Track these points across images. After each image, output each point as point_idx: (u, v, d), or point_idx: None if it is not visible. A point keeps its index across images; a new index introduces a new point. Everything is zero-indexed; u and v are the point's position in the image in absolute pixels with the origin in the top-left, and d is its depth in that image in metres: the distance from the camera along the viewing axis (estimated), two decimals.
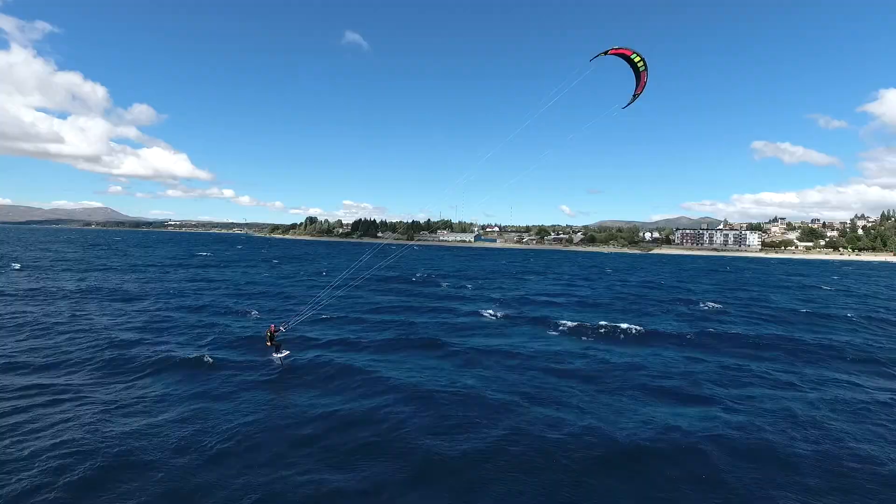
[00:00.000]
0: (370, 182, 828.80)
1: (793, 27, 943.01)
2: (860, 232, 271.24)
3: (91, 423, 13.57)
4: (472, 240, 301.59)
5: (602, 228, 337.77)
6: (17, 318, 26.94)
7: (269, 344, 19.30)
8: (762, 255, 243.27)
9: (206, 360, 19.82)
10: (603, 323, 30.66)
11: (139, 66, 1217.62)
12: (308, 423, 14.24)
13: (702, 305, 42.23)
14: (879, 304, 47.22)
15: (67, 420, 13.72)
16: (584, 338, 27.81)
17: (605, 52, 15.73)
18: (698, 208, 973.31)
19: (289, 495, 10.60)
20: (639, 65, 15.70)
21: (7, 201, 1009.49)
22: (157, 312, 30.66)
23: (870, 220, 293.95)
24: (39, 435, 12.74)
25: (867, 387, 19.59)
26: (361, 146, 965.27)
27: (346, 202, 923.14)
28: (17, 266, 54.97)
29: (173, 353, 20.69)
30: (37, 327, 24.95)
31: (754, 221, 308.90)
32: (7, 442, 12.29)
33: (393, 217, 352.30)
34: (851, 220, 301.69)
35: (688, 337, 28.10)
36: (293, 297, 39.88)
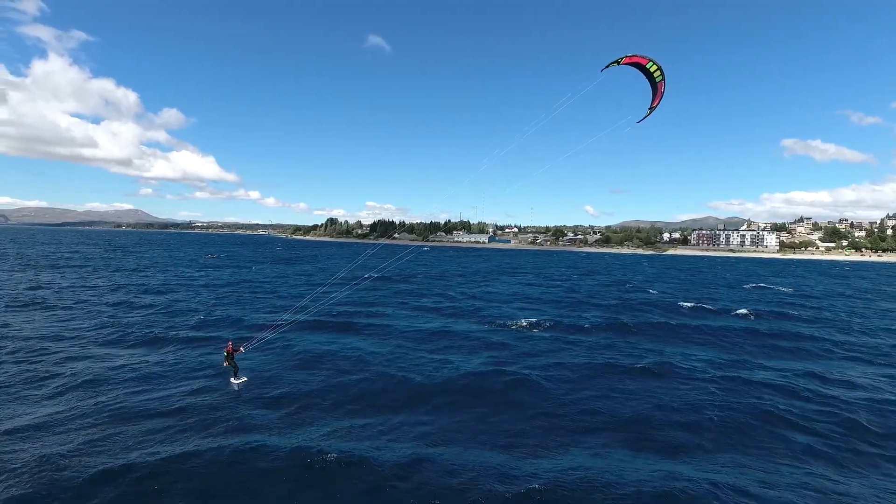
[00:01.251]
0: (393, 183, 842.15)
1: (822, 23, 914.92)
2: (889, 232, 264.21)
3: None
4: (486, 241, 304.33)
5: (624, 229, 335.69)
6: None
7: (226, 364, 18.14)
8: (779, 255, 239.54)
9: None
10: (523, 316, 34.58)
11: (169, 71, 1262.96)
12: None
13: (632, 301, 45.22)
14: (752, 302, 48.92)
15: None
16: (488, 325, 31.75)
17: (618, 62, 14.02)
18: (726, 208, 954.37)
19: None
20: (655, 74, 14.09)
21: (43, 203, 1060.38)
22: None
23: None
24: None
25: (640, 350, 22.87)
26: (385, 147, 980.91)
27: (369, 203, 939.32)
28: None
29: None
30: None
31: (781, 221, 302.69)
32: None
33: (415, 218, 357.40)
34: (880, 220, 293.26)
35: (584, 327, 31.59)
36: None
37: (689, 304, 44.09)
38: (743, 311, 40.77)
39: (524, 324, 32.18)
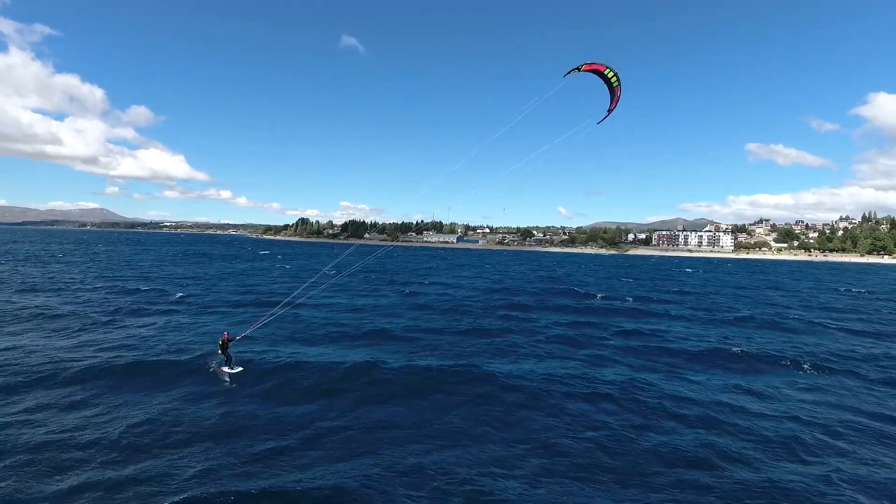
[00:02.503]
0: (368, 184, 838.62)
1: (784, 30, 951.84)
2: (840, 234, 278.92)
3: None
4: (455, 241, 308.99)
5: (594, 230, 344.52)
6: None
7: (220, 353, 18.48)
8: (732, 255, 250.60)
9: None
10: (440, 296, 38.67)
11: (137, 67, 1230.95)
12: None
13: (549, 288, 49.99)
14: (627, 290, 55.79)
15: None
16: (399, 304, 35.75)
17: (579, 68, 15.38)
18: (694, 210, 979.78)
19: None
20: (612, 80, 15.54)
21: (3, 202, 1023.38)
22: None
23: (854, 221, 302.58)
24: None
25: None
26: (360, 148, 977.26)
27: (344, 203, 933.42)
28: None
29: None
30: None
31: (744, 223, 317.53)
32: None
33: (390, 218, 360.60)
34: (833, 222, 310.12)
35: (481, 310, 35.89)
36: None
37: (582, 291, 50.19)
38: (602, 295, 48.77)
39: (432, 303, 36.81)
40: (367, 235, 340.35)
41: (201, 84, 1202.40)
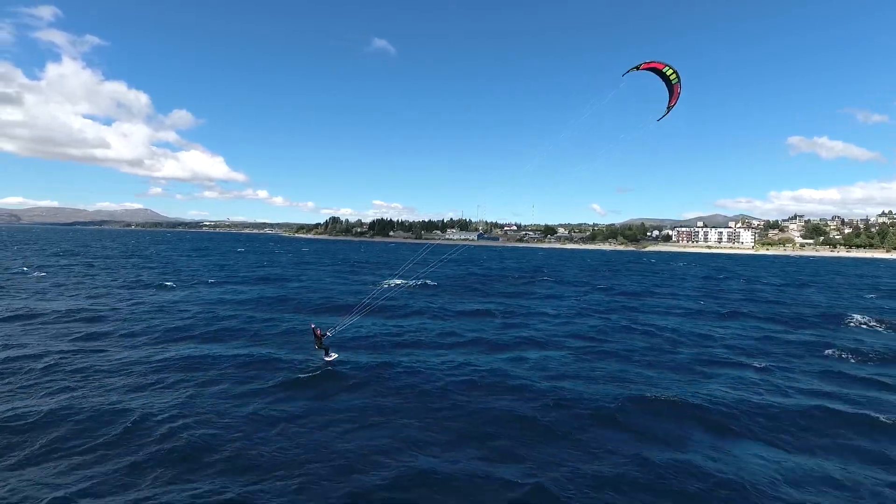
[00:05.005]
0: (401, 182, 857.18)
1: (825, 20, 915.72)
2: (875, 229, 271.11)
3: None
4: (476, 238, 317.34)
5: (622, 227, 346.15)
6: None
7: (317, 347, 19.52)
8: (752, 252, 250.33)
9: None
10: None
11: (179, 73, 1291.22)
12: None
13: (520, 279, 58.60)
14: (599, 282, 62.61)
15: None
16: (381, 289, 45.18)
17: (637, 67, 15.51)
18: (734, 206, 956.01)
19: None
20: (671, 78, 15.51)
21: (54, 203, 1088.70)
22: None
23: None
24: None
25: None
26: (393, 147, 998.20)
27: (377, 202, 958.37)
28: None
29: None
30: None
31: (780, 219, 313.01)
32: None
33: (423, 216, 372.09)
34: (872, 217, 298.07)
35: (430, 284, 44.97)
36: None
37: (546, 278, 58.24)
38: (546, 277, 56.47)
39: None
40: (391, 233, 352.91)
41: (240, 88, 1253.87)
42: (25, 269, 51.52)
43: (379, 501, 10.24)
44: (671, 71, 15.35)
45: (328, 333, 19.69)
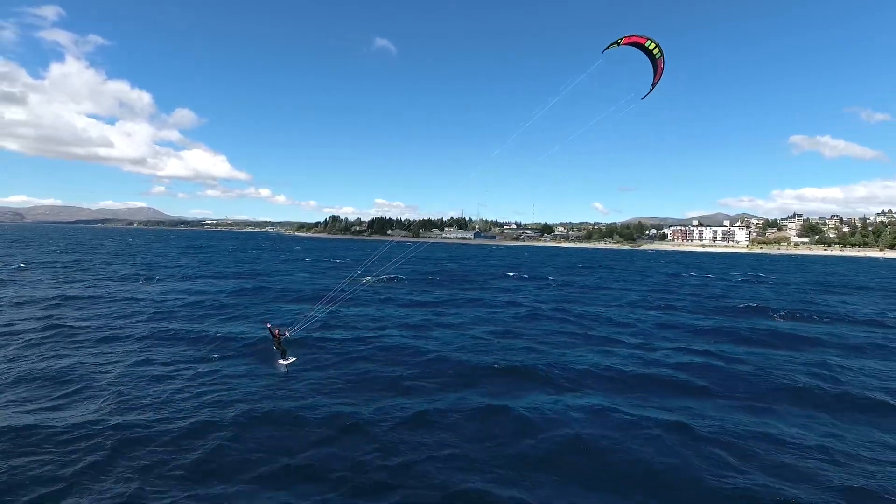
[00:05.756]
0: (403, 181, 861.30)
1: (826, 19, 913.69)
2: (870, 229, 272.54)
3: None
4: (472, 237, 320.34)
5: (625, 226, 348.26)
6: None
7: (275, 348, 18.30)
8: (744, 250, 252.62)
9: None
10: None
11: (182, 73, 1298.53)
12: None
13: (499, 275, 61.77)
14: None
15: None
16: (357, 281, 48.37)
17: (618, 42, 14.80)
18: (736, 204, 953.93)
19: None
20: (654, 52, 14.85)
21: (58, 202, 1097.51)
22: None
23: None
24: None
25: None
26: (395, 146, 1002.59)
27: (378, 200, 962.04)
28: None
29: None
30: None
31: (779, 217, 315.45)
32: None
33: (425, 215, 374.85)
34: (863, 217, 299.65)
35: (401, 277, 48.10)
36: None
37: (510, 274, 61.72)
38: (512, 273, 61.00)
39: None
40: (389, 232, 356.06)
41: (242, 87, 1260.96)
42: (22, 265, 54.90)
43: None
44: (654, 45, 14.72)
45: (287, 334, 18.33)
